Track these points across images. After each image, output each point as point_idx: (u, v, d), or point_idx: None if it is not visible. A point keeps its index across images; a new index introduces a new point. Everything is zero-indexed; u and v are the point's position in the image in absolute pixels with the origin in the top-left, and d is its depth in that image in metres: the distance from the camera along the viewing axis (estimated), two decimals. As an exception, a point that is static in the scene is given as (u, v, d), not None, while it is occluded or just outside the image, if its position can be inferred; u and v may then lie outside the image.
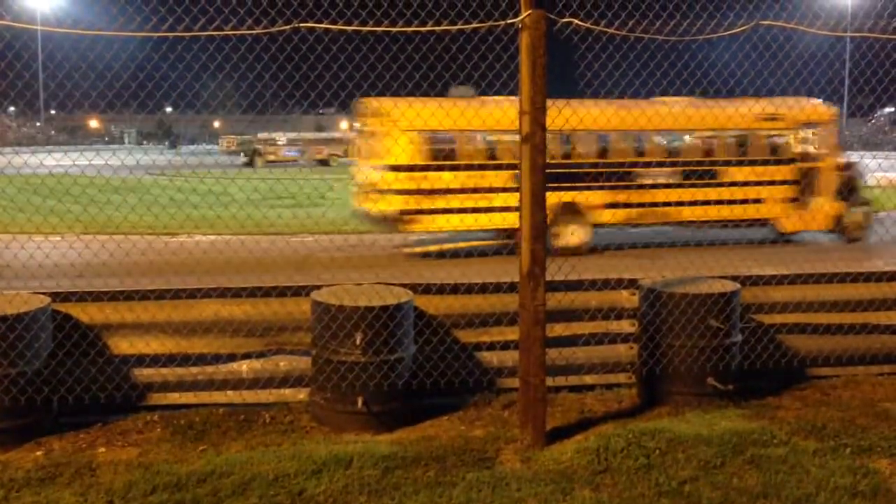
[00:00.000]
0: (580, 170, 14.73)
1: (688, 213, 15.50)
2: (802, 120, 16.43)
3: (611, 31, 5.55)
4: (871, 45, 6.61)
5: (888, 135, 74.70)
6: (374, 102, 14.48)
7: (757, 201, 15.67)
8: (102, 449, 5.21)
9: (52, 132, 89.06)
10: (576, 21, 5.25)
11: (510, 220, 13.22)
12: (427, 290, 6.19)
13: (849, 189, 16.29)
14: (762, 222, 16.10)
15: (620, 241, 14.86)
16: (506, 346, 6.20)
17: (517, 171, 5.28)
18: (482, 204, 14.12)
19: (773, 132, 16.27)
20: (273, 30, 5.40)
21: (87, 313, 5.80)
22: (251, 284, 6.13)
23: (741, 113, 13.15)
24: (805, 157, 16.37)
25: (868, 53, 6.81)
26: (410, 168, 14.11)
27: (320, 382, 5.62)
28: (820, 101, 16.66)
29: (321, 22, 5.26)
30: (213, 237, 14.51)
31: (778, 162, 16.18)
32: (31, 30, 5.68)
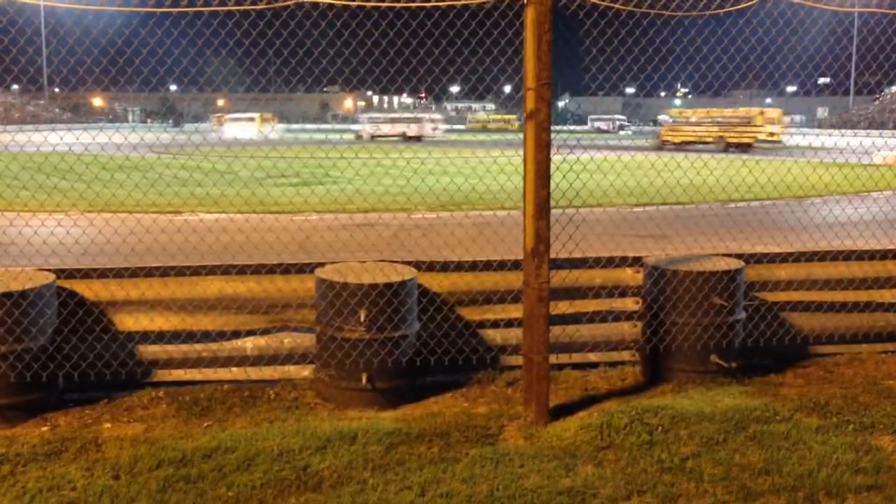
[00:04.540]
0: None
1: None
2: None
3: (617, 6, 5.51)
4: (878, 20, 6.55)
5: (895, 113, 74.18)
6: None
7: None
8: (108, 425, 5.24)
9: (57, 110, 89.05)
10: (581, -4, 5.21)
11: None
12: (431, 267, 6.20)
13: None
14: None
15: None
16: (510, 323, 6.21)
17: None
18: None
19: None
20: (276, 5, 5.37)
21: (91, 290, 5.81)
22: (255, 262, 6.14)
23: None
24: None
25: (876, 29, 6.75)
26: None
27: (324, 359, 5.64)
28: None
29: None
30: (217, 215, 14.53)
31: None
32: (34, 5, 5.66)
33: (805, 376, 6.24)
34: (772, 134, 44.84)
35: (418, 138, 58.24)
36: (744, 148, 42.22)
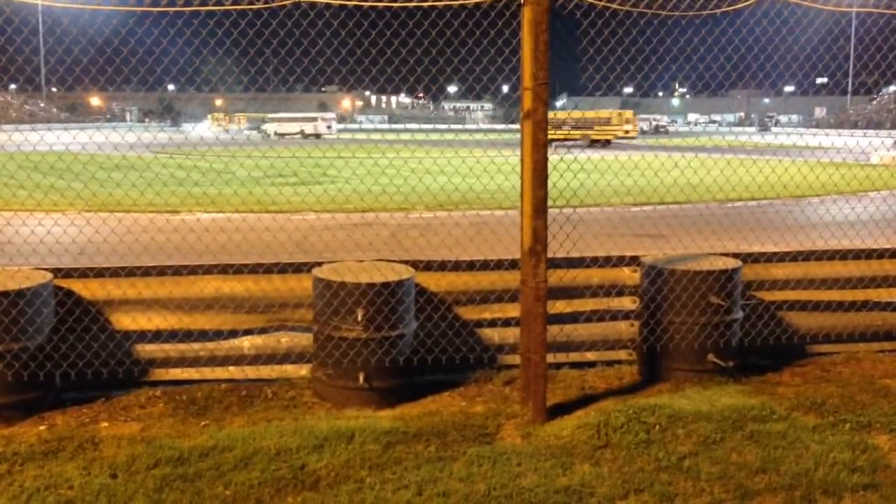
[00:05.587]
0: None
1: None
2: None
3: (613, 6, 5.51)
4: (875, 20, 6.56)
5: (893, 113, 74.33)
6: None
7: None
8: (105, 424, 5.24)
9: (54, 109, 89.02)
10: (578, -5, 5.22)
11: None
12: (428, 266, 6.20)
13: None
14: None
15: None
16: (507, 322, 6.21)
17: None
18: None
19: None
20: (274, 5, 5.37)
21: (88, 289, 5.81)
22: (252, 261, 6.14)
23: None
24: None
25: (873, 29, 6.76)
26: None
27: (322, 358, 5.64)
28: None
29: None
30: (214, 215, 14.53)
31: None
32: (31, 4, 5.66)
33: (802, 375, 6.25)
34: (627, 132, 52.21)
35: (317, 135, 67.68)
36: (604, 144, 47.46)
